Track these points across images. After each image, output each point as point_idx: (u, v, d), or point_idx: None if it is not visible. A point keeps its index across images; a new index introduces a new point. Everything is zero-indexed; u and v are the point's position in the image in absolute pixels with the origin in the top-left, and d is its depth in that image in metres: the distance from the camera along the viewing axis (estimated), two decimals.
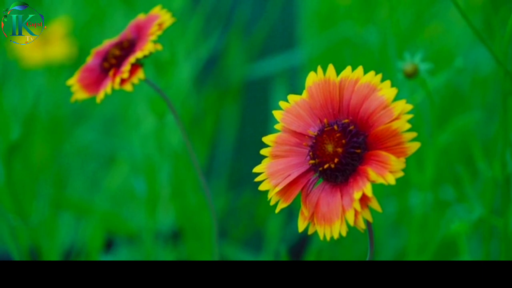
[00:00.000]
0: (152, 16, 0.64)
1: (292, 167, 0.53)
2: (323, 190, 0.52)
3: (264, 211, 1.15)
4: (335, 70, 0.54)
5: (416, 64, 0.71)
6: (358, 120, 0.52)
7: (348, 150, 0.51)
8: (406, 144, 0.50)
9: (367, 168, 0.50)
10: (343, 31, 1.28)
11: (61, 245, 1.02)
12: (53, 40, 1.31)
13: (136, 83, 0.61)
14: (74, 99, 0.64)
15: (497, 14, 0.70)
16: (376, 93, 0.51)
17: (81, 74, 0.65)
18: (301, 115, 0.54)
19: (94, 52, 0.67)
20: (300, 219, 0.52)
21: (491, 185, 0.72)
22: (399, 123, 0.50)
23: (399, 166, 0.49)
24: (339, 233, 0.50)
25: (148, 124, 1.09)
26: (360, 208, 0.49)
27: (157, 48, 0.62)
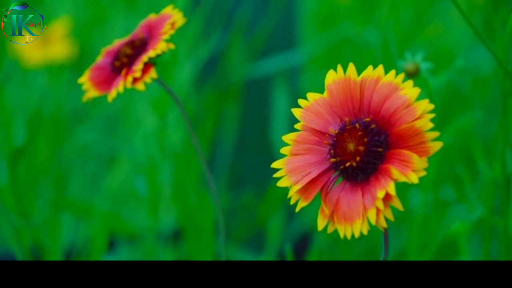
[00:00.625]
0: (164, 16, 0.64)
1: (311, 165, 0.53)
2: (343, 189, 0.52)
3: (265, 211, 1.16)
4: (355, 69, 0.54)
5: (417, 63, 0.71)
6: (379, 119, 0.52)
7: (370, 148, 0.51)
8: (428, 143, 0.50)
9: (389, 167, 0.50)
10: (343, 31, 1.28)
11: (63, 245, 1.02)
12: (53, 40, 1.31)
13: (148, 82, 0.61)
14: (87, 97, 0.64)
15: (498, 14, 0.70)
16: (399, 92, 0.51)
17: (92, 73, 0.65)
18: (321, 113, 0.54)
19: (105, 51, 0.66)
20: (319, 218, 0.52)
21: (491, 185, 0.72)
22: (422, 122, 0.50)
23: (422, 165, 0.49)
24: (360, 231, 0.50)
25: (149, 124, 1.10)
26: (382, 207, 0.49)
27: (169, 47, 0.61)
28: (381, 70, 0.53)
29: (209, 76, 1.21)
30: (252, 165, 1.21)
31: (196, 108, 1.20)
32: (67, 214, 1.14)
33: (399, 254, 1.02)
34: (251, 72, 1.21)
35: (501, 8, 0.73)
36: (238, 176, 1.20)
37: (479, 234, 0.97)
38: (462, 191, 0.76)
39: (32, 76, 1.35)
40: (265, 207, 1.16)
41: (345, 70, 0.54)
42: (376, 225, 0.50)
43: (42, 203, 1.12)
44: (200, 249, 0.99)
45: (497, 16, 0.69)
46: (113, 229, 1.07)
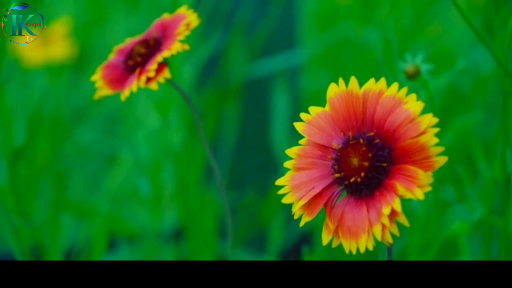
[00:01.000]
0: (178, 16, 0.64)
1: (315, 180, 0.53)
2: (347, 203, 0.51)
3: (266, 212, 1.16)
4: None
5: (418, 65, 0.71)
6: (383, 133, 0.51)
7: (374, 164, 0.51)
8: (433, 158, 0.50)
9: (395, 183, 0.50)
10: (343, 31, 1.28)
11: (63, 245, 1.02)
12: (54, 40, 1.31)
13: (162, 82, 0.61)
14: (99, 95, 0.64)
15: (498, 14, 0.70)
16: (402, 106, 0.51)
17: (104, 71, 0.65)
18: (323, 127, 0.54)
19: (117, 49, 0.66)
20: (324, 232, 0.52)
21: (491, 185, 0.72)
22: (426, 137, 0.50)
23: (428, 180, 0.49)
24: (365, 247, 0.50)
25: (150, 123, 1.10)
26: (388, 223, 0.49)
27: (184, 48, 0.61)
28: (383, 83, 0.52)
29: (209, 76, 1.21)
30: (252, 165, 1.21)
31: (196, 108, 1.20)
32: (67, 214, 1.14)
33: (399, 255, 1.02)
34: (251, 72, 1.21)
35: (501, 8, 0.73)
36: (238, 176, 1.20)
37: (479, 234, 0.97)
38: (463, 191, 0.76)
39: (32, 76, 1.35)
40: (266, 207, 1.16)
41: (347, 83, 0.54)
42: (382, 240, 0.49)
43: (42, 203, 1.12)
44: (201, 249, 0.99)
45: (497, 16, 0.69)
46: (114, 229, 1.07)
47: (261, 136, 1.20)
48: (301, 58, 1.24)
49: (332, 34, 1.33)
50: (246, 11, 1.20)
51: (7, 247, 1.01)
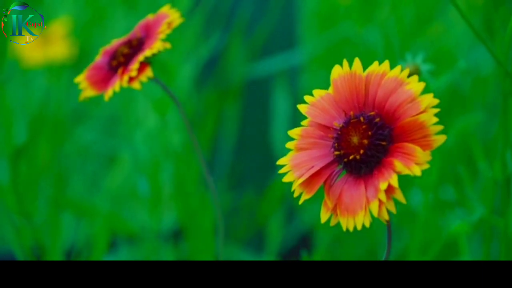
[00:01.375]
0: (161, 15, 0.64)
1: (315, 159, 0.53)
2: (346, 182, 0.52)
3: (265, 211, 1.16)
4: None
5: (418, 65, 0.71)
6: (384, 113, 0.52)
7: (373, 142, 0.51)
8: (432, 136, 0.50)
9: (393, 160, 0.50)
10: (343, 31, 1.28)
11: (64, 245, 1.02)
12: (53, 40, 1.31)
13: (144, 81, 0.61)
14: (83, 96, 0.64)
15: (498, 14, 0.70)
16: (404, 87, 0.51)
17: (89, 72, 0.65)
18: (326, 108, 0.54)
19: (103, 50, 0.67)
20: (322, 210, 0.52)
21: (491, 185, 0.72)
22: (426, 116, 0.50)
23: (425, 158, 0.49)
24: (362, 224, 0.50)
25: (150, 124, 1.10)
26: (385, 199, 0.50)
27: (166, 46, 0.62)
28: (386, 65, 0.53)
29: (209, 76, 1.21)
30: (252, 165, 1.21)
31: (196, 108, 1.20)
32: (67, 214, 1.14)
33: (400, 255, 1.02)
34: (251, 72, 1.21)
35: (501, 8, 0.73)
36: (238, 176, 1.20)
37: (479, 234, 0.97)
38: (463, 191, 0.76)
39: (32, 76, 1.35)
40: (265, 207, 1.16)
41: (350, 66, 0.54)
42: (378, 217, 0.50)
43: (42, 203, 1.12)
44: (201, 249, 0.99)
45: (497, 16, 0.69)
46: (114, 229, 1.07)
47: (261, 136, 1.20)
48: (301, 58, 1.24)
49: (332, 34, 1.33)
50: (246, 11, 1.20)
51: (8, 246, 1.01)
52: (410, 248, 0.86)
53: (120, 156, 1.26)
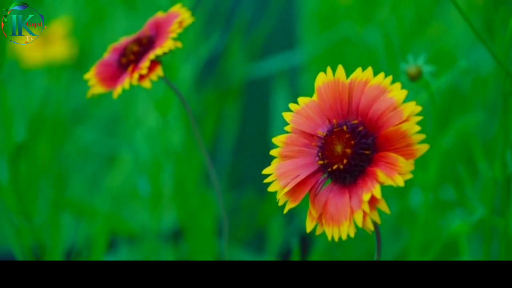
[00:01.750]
0: (172, 14, 0.64)
1: (300, 168, 0.53)
2: (331, 191, 0.52)
3: (265, 212, 1.16)
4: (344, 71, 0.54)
5: (420, 67, 0.71)
6: (367, 121, 0.52)
7: (357, 151, 0.51)
8: (415, 146, 0.50)
9: (376, 170, 0.50)
10: (344, 31, 1.28)
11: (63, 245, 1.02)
12: (53, 40, 1.31)
13: (154, 80, 0.61)
14: (91, 93, 0.64)
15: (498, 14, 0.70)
16: (386, 95, 0.51)
17: (98, 69, 0.65)
18: (311, 116, 0.54)
19: (112, 47, 0.66)
20: (308, 220, 0.52)
21: (491, 185, 0.72)
22: (408, 125, 0.50)
23: (408, 167, 0.49)
24: (347, 234, 0.50)
25: (150, 123, 1.10)
26: (368, 210, 0.49)
27: (177, 45, 0.61)
28: (370, 72, 0.53)
29: (209, 76, 1.21)
30: (252, 165, 1.21)
31: (196, 108, 1.20)
32: (67, 214, 1.14)
33: (400, 255, 1.02)
34: (251, 72, 1.21)
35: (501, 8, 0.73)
36: (238, 176, 1.20)
37: (479, 234, 0.97)
38: (463, 191, 0.76)
39: (32, 76, 1.35)
40: (265, 207, 1.16)
41: (334, 73, 0.54)
42: (363, 227, 0.50)
43: (42, 203, 1.12)
44: (201, 249, 0.99)
45: (497, 16, 0.69)
46: (114, 229, 1.07)
47: (261, 136, 1.20)
48: (301, 58, 1.24)
49: (332, 34, 1.33)
50: (246, 11, 1.20)
51: (8, 246, 1.01)
52: (410, 248, 0.86)
53: (120, 156, 1.26)
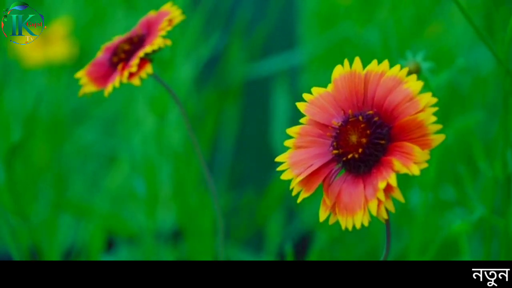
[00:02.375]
0: (162, 12, 0.65)
1: (314, 157, 0.53)
2: (345, 181, 0.52)
3: (265, 211, 1.15)
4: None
5: (418, 63, 0.71)
6: (382, 112, 0.52)
7: (372, 140, 0.51)
8: (431, 136, 0.50)
9: (391, 159, 0.50)
10: (344, 31, 1.28)
11: (61, 245, 1.02)
12: (54, 40, 1.31)
13: (144, 77, 0.62)
14: (83, 92, 0.65)
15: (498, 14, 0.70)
16: (402, 86, 0.51)
17: (90, 68, 0.66)
18: (325, 106, 0.54)
19: (104, 47, 0.67)
20: (321, 209, 0.52)
21: (492, 185, 0.72)
22: (424, 115, 0.50)
23: (424, 157, 0.49)
24: (361, 223, 0.50)
25: (149, 124, 1.10)
26: (384, 198, 0.49)
27: (166, 43, 0.62)
28: (386, 64, 0.53)
29: (209, 76, 1.21)
30: (252, 165, 1.21)
31: (196, 108, 1.20)
32: (67, 214, 1.14)
33: (400, 255, 1.02)
34: (251, 72, 1.21)
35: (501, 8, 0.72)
36: (238, 176, 1.20)
37: (479, 234, 0.97)
38: (463, 191, 0.76)
39: (32, 76, 1.35)
40: (265, 207, 1.16)
41: (351, 65, 0.54)
42: (377, 216, 0.50)
43: (42, 203, 1.12)
44: (200, 249, 0.99)
45: (498, 15, 0.69)
46: (113, 229, 1.07)
47: (261, 136, 1.20)
48: (301, 58, 1.24)
49: (332, 34, 1.33)
50: (246, 11, 1.20)
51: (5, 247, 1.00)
52: (410, 248, 0.86)
53: (119, 156, 1.26)
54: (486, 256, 0.75)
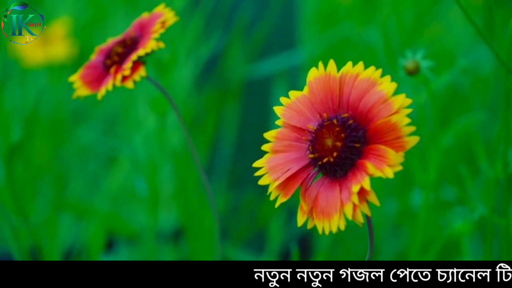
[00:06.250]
0: (155, 15, 0.64)
1: (291, 162, 0.53)
2: (322, 185, 0.52)
3: (265, 211, 1.15)
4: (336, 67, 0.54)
5: (418, 61, 0.71)
6: (357, 114, 0.52)
7: (347, 144, 0.51)
8: (405, 138, 0.50)
9: (365, 162, 0.50)
10: (344, 31, 1.28)
11: (61, 245, 1.02)
12: (54, 40, 1.31)
13: (137, 80, 0.62)
14: (76, 95, 0.64)
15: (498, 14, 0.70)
16: (376, 88, 0.51)
17: (83, 71, 0.66)
18: (302, 110, 0.54)
19: (98, 49, 0.67)
20: (299, 214, 0.52)
21: (493, 184, 0.72)
22: (398, 117, 0.50)
23: (398, 160, 0.49)
24: (337, 227, 0.50)
25: (149, 124, 1.10)
26: (358, 202, 0.49)
27: (159, 45, 0.62)
28: (360, 66, 0.53)
29: (209, 76, 1.21)
30: (252, 165, 1.21)
31: (196, 108, 1.20)
32: (67, 214, 1.14)
33: (400, 254, 1.02)
34: (251, 72, 1.21)
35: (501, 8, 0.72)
36: (238, 176, 1.20)
37: (480, 234, 0.97)
38: (464, 190, 0.76)
39: (32, 76, 1.35)
40: (265, 207, 1.16)
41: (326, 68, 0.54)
42: (353, 219, 0.49)
43: (42, 203, 1.12)
44: (201, 249, 0.99)
45: (499, 14, 0.69)
46: (113, 229, 1.07)
47: (261, 136, 1.20)
48: (302, 58, 1.24)
49: (332, 34, 1.33)
50: (246, 11, 1.20)
51: (6, 246, 1.00)
52: (410, 248, 0.86)
53: (120, 156, 1.26)
54: (487, 256, 0.75)
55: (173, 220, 1.16)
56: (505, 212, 0.71)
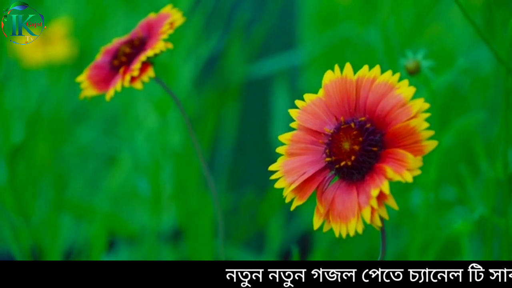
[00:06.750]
0: (163, 15, 0.64)
1: (307, 165, 0.53)
2: (338, 188, 0.52)
3: (265, 211, 1.15)
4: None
5: (418, 61, 0.71)
6: (375, 118, 0.52)
7: (365, 147, 0.51)
8: (423, 142, 0.50)
9: (384, 166, 0.50)
10: (344, 31, 1.28)
11: (62, 245, 1.01)
12: (54, 40, 1.31)
13: (146, 81, 0.61)
14: (84, 95, 0.64)
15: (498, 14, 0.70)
16: (394, 92, 0.51)
17: (90, 71, 0.65)
18: (317, 113, 0.54)
19: (104, 49, 0.67)
20: (315, 217, 0.52)
21: (493, 184, 0.72)
22: (416, 121, 0.50)
23: (417, 164, 0.49)
24: (355, 230, 0.50)
25: (150, 124, 1.10)
26: (377, 206, 0.49)
27: (168, 46, 0.62)
28: (377, 70, 0.53)
29: (208, 76, 1.21)
30: (252, 165, 1.21)
31: (196, 108, 1.20)
32: (68, 214, 1.14)
33: (400, 254, 1.02)
34: (251, 72, 1.21)
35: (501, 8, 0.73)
36: (238, 176, 1.20)
37: (480, 234, 0.97)
38: (464, 190, 0.76)
39: (32, 76, 1.35)
40: (265, 207, 1.16)
41: (342, 70, 0.54)
42: (371, 224, 0.50)
43: (42, 203, 1.12)
44: (201, 249, 0.99)
45: (499, 14, 0.69)
46: (113, 229, 1.07)
47: (261, 136, 1.20)
48: (301, 58, 1.24)
49: (332, 34, 1.33)
50: (245, 11, 1.20)
51: (7, 246, 1.00)
52: (410, 248, 0.86)
53: (120, 156, 1.26)
54: (487, 256, 0.75)
55: (172, 220, 1.16)
56: (505, 212, 0.71)
